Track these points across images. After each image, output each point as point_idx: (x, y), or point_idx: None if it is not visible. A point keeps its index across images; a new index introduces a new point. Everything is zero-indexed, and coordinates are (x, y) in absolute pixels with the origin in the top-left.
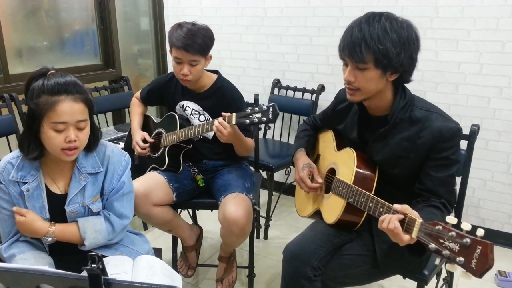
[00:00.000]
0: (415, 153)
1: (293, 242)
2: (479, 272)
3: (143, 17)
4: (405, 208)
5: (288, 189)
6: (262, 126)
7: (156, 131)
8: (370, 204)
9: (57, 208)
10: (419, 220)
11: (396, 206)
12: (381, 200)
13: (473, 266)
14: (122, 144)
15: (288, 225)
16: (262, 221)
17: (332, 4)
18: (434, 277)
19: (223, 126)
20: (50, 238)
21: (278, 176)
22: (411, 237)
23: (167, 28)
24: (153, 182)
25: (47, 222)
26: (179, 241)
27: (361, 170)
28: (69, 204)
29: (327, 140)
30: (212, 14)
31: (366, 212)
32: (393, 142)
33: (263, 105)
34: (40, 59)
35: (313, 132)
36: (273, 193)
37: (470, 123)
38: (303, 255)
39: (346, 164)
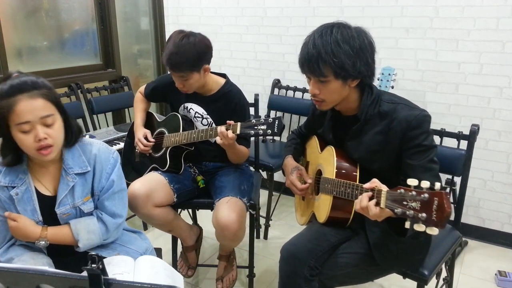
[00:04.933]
0: (389, 145)
1: (290, 242)
2: (440, 223)
3: (143, 17)
4: (373, 181)
5: (288, 189)
6: (264, 138)
7: (159, 130)
8: (349, 190)
9: (49, 210)
10: (384, 189)
11: (365, 184)
12: (355, 183)
13: (434, 218)
14: (122, 144)
15: (288, 225)
16: (262, 221)
17: (332, 4)
18: (434, 277)
19: (224, 135)
20: (43, 242)
21: (278, 176)
22: (380, 208)
23: (167, 28)
24: (155, 183)
25: (40, 226)
26: (179, 241)
27: (341, 164)
28: (59, 206)
29: (312, 145)
30: (212, 14)
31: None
32: (367, 139)
33: (269, 117)
34: (40, 59)
35: (300, 141)
36: (273, 193)
37: (470, 123)
38: (299, 254)
39: (328, 162)
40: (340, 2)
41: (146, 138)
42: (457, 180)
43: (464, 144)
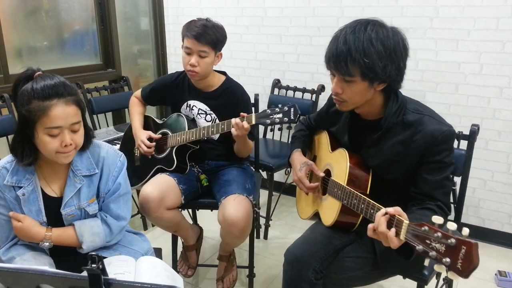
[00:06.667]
0: (409, 157)
1: (294, 245)
2: (465, 273)
3: (143, 17)
4: (397, 210)
5: (288, 189)
6: (281, 126)
7: (161, 131)
8: (362, 206)
9: (53, 211)
10: (406, 221)
11: (389, 209)
12: (372, 201)
13: (459, 266)
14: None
15: (288, 225)
16: (262, 221)
17: (332, 4)
18: (434, 277)
19: (239, 126)
20: (47, 243)
21: (278, 176)
22: (399, 239)
23: (167, 28)
24: (165, 185)
25: (44, 227)
26: (179, 241)
27: (353, 171)
28: (64, 207)
29: (322, 141)
30: (212, 14)
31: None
32: (387, 147)
33: (283, 106)
34: (40, 59)
35: (309, 132)
36: (273, 193)
37: (470, 123)
38: (305, 258)
39: (339, 165)
40: (340, 2)
41: (150, 140)
42: (457, 180)
43: (464, 144)
